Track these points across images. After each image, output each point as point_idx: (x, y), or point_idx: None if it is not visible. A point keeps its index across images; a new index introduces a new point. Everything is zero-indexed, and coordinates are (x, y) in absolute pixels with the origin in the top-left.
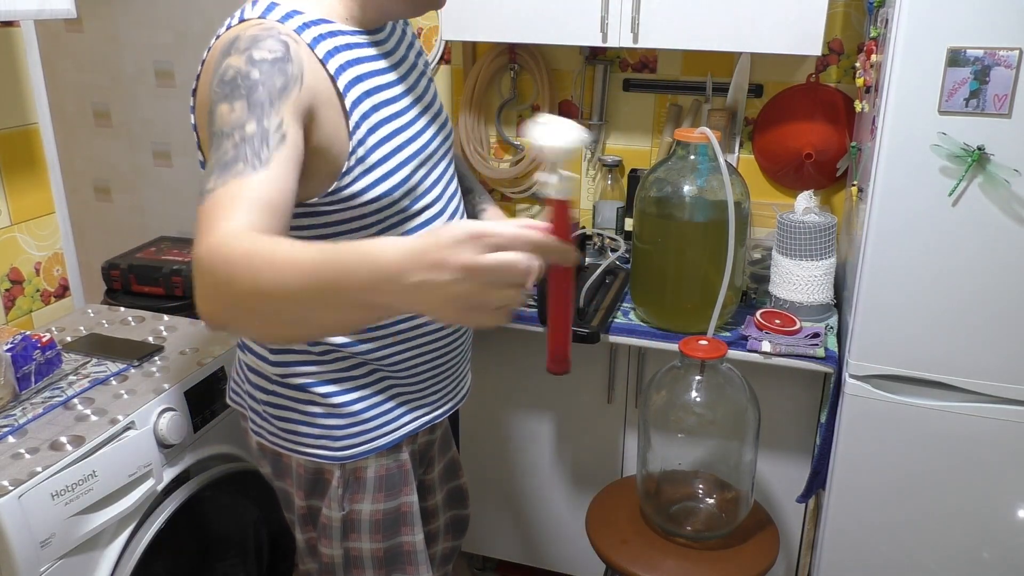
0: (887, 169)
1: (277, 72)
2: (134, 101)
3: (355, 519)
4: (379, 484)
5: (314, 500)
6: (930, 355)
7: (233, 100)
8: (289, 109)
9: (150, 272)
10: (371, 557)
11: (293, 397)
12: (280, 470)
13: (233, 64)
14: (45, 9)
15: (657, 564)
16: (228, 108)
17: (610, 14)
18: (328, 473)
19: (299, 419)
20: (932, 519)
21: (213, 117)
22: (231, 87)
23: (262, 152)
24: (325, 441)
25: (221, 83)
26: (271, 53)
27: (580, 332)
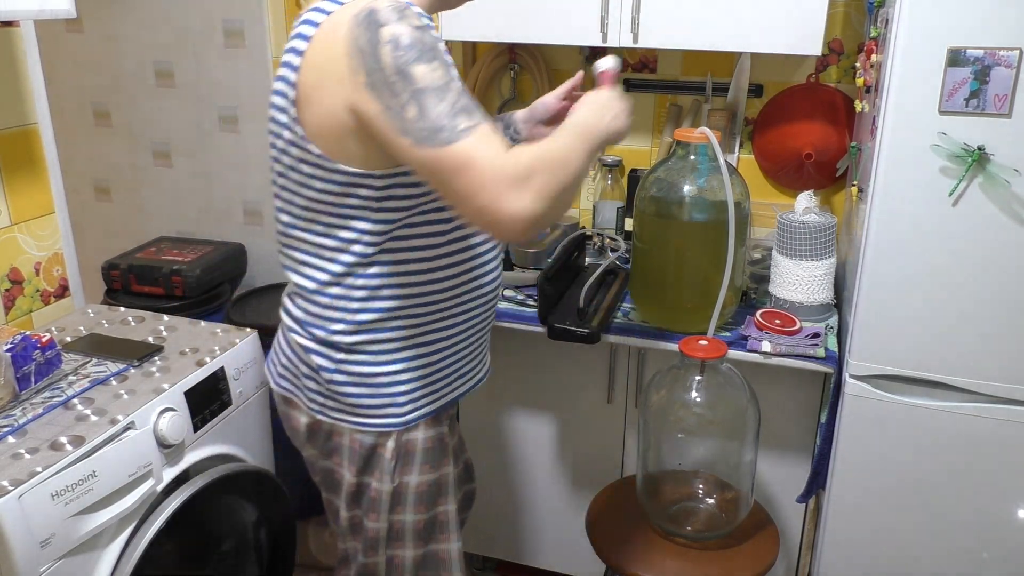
0: (887, 169)
1: (436, 37)
2: (134, 101)
3: (403, 491)
4: (425, 456)
5: (365, 476)
6: (930, 355)
7: (429, 61)
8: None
9: (150, 272)
10: (412, 529)
11: (358, 371)
12: (331, 449)
13: (400, 31)
14: (45, 9)
15: (657, 564)
16: (428, 68)
17: (610, 14)
18: (381, 447)
19: (363, 392)
20: (932, 519)
21: (409, 77)
22: (417, 51)
23: (475, 102)
24: (389, 409)
25: (399, 47)
26: (420, 20)
27: (580, 332)
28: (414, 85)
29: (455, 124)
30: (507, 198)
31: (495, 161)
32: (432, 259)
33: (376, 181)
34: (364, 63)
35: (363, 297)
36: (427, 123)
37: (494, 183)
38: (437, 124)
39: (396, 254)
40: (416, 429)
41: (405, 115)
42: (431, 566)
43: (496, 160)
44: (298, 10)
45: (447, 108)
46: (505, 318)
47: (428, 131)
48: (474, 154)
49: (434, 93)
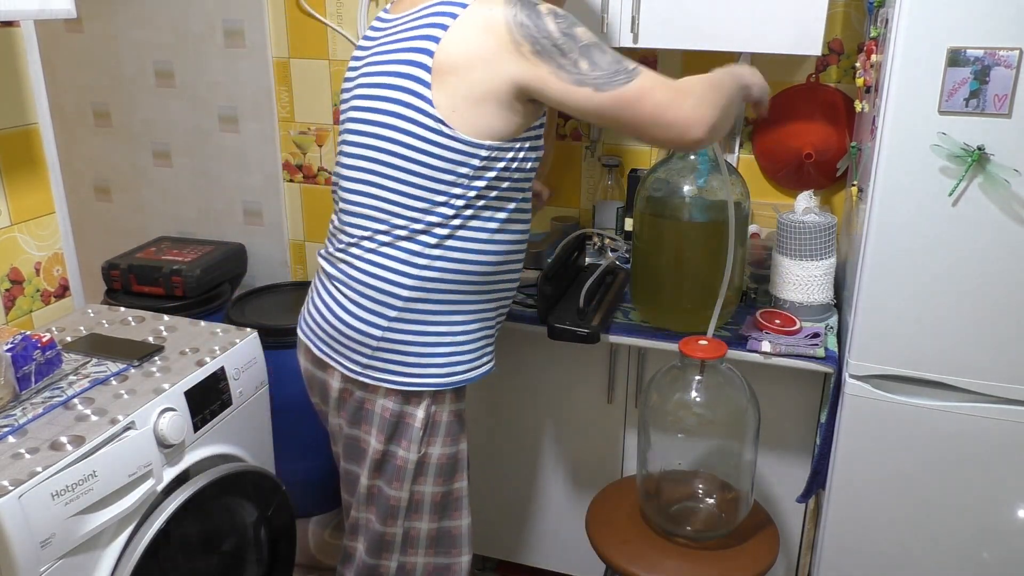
0: (887, 169)
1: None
2: (134, 101)
3: (427, 461)
4: (448, 428)
5: (392, 445)
6: (930, 355)
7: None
8: None
9: (150, 272)
10: (430, 501)
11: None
12: (360, 417)
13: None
14: (45, 9)
15: (657, 564)
16: (584, 29)
17: (610, 14)
18: (409, 416)
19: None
20: (932, 519)
21: (574, 37)
22: (572, 19)
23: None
24: (432, 369)
25: (561, 17)
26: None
27: (580, 332)
28: (580, 42)
29: (626, 66)
30: (691, 108)
31: (671, 84)
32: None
33: (482, 151)
34: (529, 34)
35: (433, 256)
36: (602, 70)
37: (678, 100)
38: (612, 69)
39: (470, 221)
40: (443, 401)
41: (580, 68)
42: (444, 542)
43: (670, 83)
44: (298, 10)
45: (612, 57)
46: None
47: (606, 76)
48: (653, 83)
49: (597, 47)
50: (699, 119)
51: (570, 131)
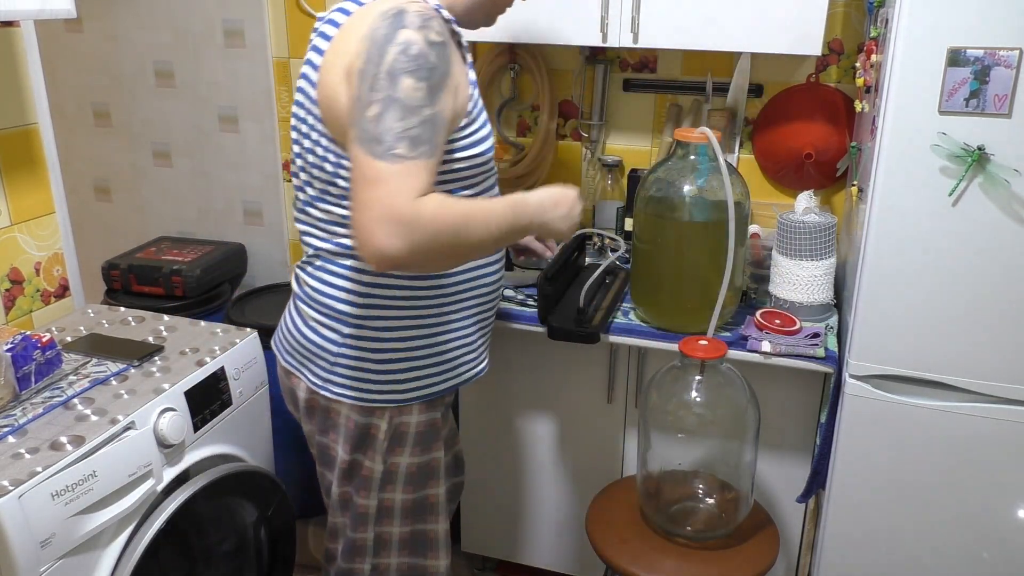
0: (887, 169)
1: (443, 59)
2: (134, 101)
3: (394, 471)
4: (417, 439)
5: (358, 454)
6: (930, 355)
7: (418, 79)
8: (447, 94)
9: (150, 272)
10: (400, 508)
11: (364, 346)
12: (327, 426)
13: (415, 41)
14: (45, 9)
15: (657, 564)
16: (414, 85)
17: (610, 14)
18: (375, 427)
19: (367, 367)
20: (932, 519)
21: (396, 83)
22: (416, 64)
23: (435, 137)
24: (388, 386)
25: (407, 56)
26: (439, 36)
27: (580, 332)
28: (392, 92)
29: (393, 145)
30: (382, 231)
31: (396, 197)
32: None
33: None
34: (369, 51)
35: (373, 273)
36: (375, 129)
37: (380, 213)
38: (380, 136)
39: None
40: (410, 412)
41: (366, 111)
42: (419, 545)
43: (397, 197)
44: (298, 10)
45: (400, 128)
46: (505, 318)
47: (370, 136)
48: (386, 180)
49: (400, 108)
50: (380, 249)
51: (570, 131)
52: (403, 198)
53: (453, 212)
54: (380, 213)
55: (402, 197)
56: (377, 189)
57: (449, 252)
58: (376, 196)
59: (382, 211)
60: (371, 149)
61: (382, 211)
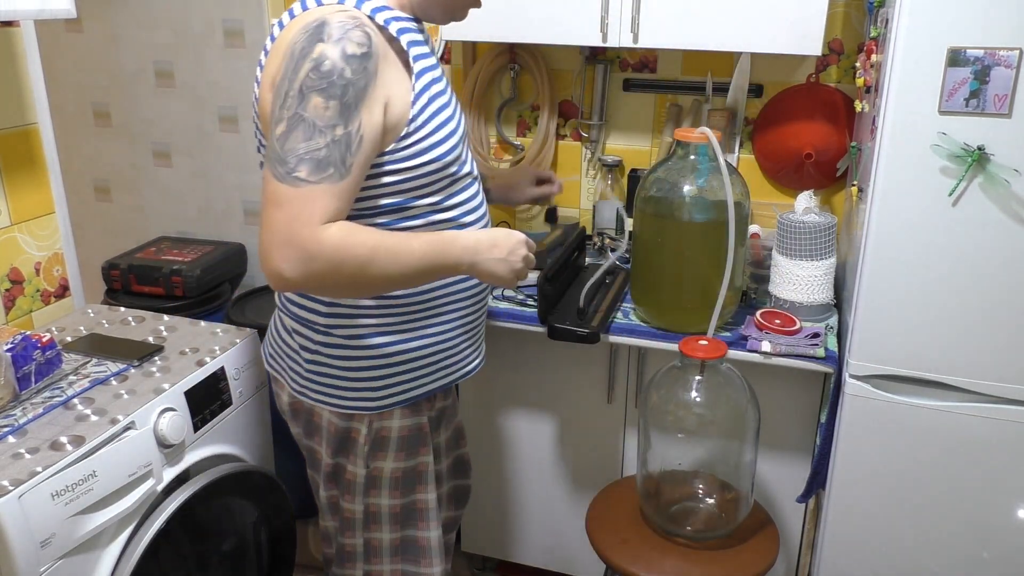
0: (887, 169)
1: (364, 72)
2: (134, 101)
3: (377, 476)
4: (401, 443)
5: (340, 458)
6: (930, 355)
7: (328, 97)
8: (368, 108)
9: (150, 272)
10: (388, 513)
11: (335, 353)
12: (311, 429)
13: (329, 55)
14: (45, 9)
15: (657, 564)
16: (323, 104)
17: (610, 14)
18: (355, 431)
19: (339, 373)
20: (932, 519)
21: (305, 101)
22: (327, 81)
23: (347, 158)
24: (362, 393)
25: (318, 72)
26: (360, 47)
27: (580, 332)
28: (300, 110)
29: (295, 168)
30: (281, 256)
31: (294, 222)
32: None
33: None
34: (287, 66)
35: None
36: (280, 148)
37: (279, 237)
38: (284, 156)
39: None
40: (391, 417)
41: (275, 129)
42: (410, 552)
43: (296, 222)
44: None
45: (303, 149)
46: (505, 318)
47: (276, 155)
48: (287, 203)
49: (307, 129)
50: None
51: (570, 131)
52: (302, 224)
53: (359, 244)
54: (279, 237)
55: (301, 223)
56: (278, 211)
57: (352, 283)
58: (277, 218)
59: (281, 235)
60: (275, 170)
61: (281, 235)
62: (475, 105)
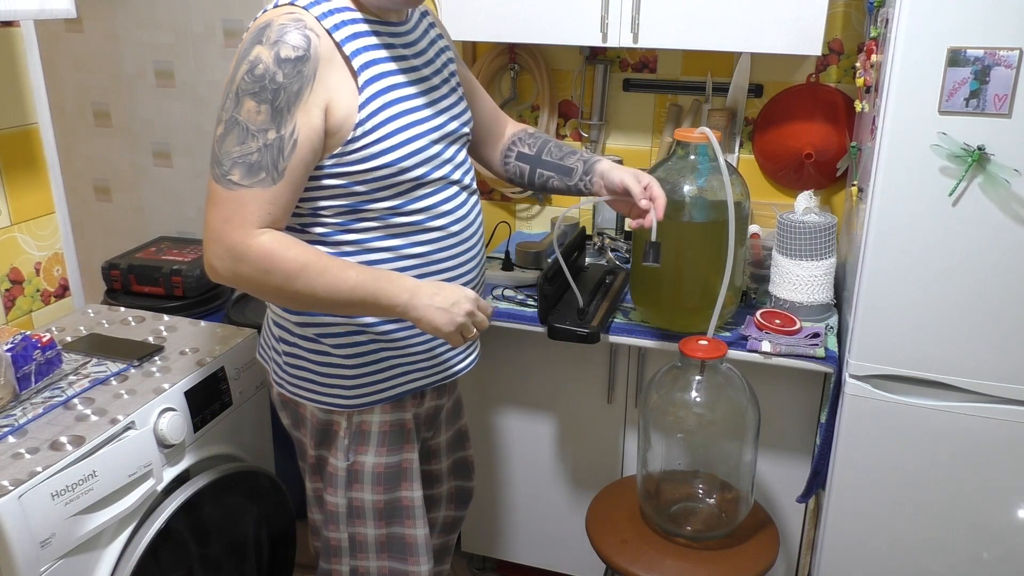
0: (887, 169)
1: (297, 75)
2: (134, 101)
3: (359, 470)
4: (382, 439)
5: (322, 450)
6: (930, 355)
7: (260, 101)
8: (302, 110)
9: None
10: (372, 508)
11: (309, 348)
12: (297, 420)
13: (263, 58)
14: (45, 9)
15: (657, 564)
16: (255, 107)
17: (610, 14)
18: (336, 424)
19: (314, 369)
20: (932, 519)
21: (239, 104)
22: (259, 86)
23: (279, 162)
24: (337, 390)
25: (252, 76)
26: (295, 51)
27: (580, 332)
28: (235, 113)
29: (229, 171)
30: (212, 252)
31: (227, 224)
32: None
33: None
34: (232, 67)
35: None
36: (218, 150)
37: (214, 235)
38: (219, 158)
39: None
40: (371, 412)
41: (216, 130)
42: (396, 548)
43: (227, 224)
44: None
45: (237, 153)
46: (505, 318)
47: (214, 156)
48: (221, 203)
49: (240, 132)
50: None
51: (570, 131)
52: (233, 226)
53: (289, 259)
54: (212, 234)
55: (232, 225)
56: (215, 210)
57: (277, 292)
58: (212, 216)
59: (214, 232)
60: (212, 170)
61: (214, 232)
62: None
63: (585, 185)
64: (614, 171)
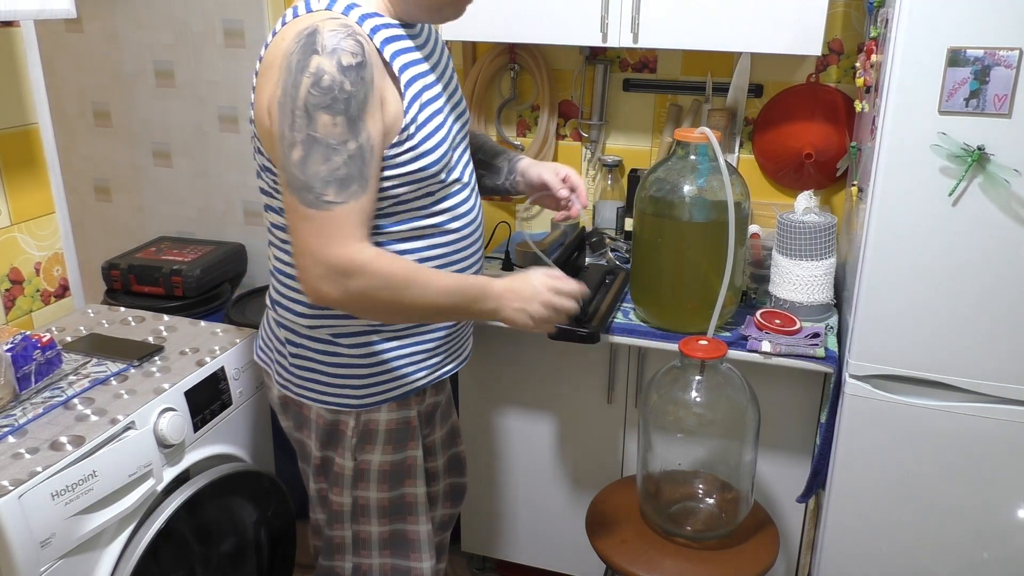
0: (887, 169)
1: (361, 81)
2: (134, 101)
3: (366, 469)
4: (388, 437)
5: (328, 451)
6: (930, 355)
7: (334, 113)
8: (371, 116)
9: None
10: (377, 506)
11: (319, 349)
12: (300, 422)
13: (326, 69)
14: (45, 9)
15: (657, 564)
16: (331, 121)
17: (610, 14)
18: (343, 424)
19: (323, 369)
20: (932, 519)
21: (313, 120)
22: (330, 98)
23: (364, 170)
24: (346, 390)
25: (318, 88)
26: (354, 57)
27: (580, 332)
28: (311, 131)
29: (323, 192)
30: (318, 276)
31: (330, 246)
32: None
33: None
34: (285, 82)
35: None
36: (302, 175)
37: (317, 258)
38: (309, 183)
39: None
40: (378, 411)
41: (291, 154)
42: (400, 545)
43: (330, 246)
44: None
45: (326, 171)
46: None
47: (299, 183)
48: (320, 228)
49: (323, 149)
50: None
51: (570, 131)
52: (337, 246)
53: (395, 268)
54: (316, 259)
55: (335, 244)
56: (312, 235)
57: (386, 307)
58: (311, 241)
59: (318, 257)
60: (303, 197)
61: (318, 257)
62: (475, 105)
63: (511, 184)
64: (532, 168)
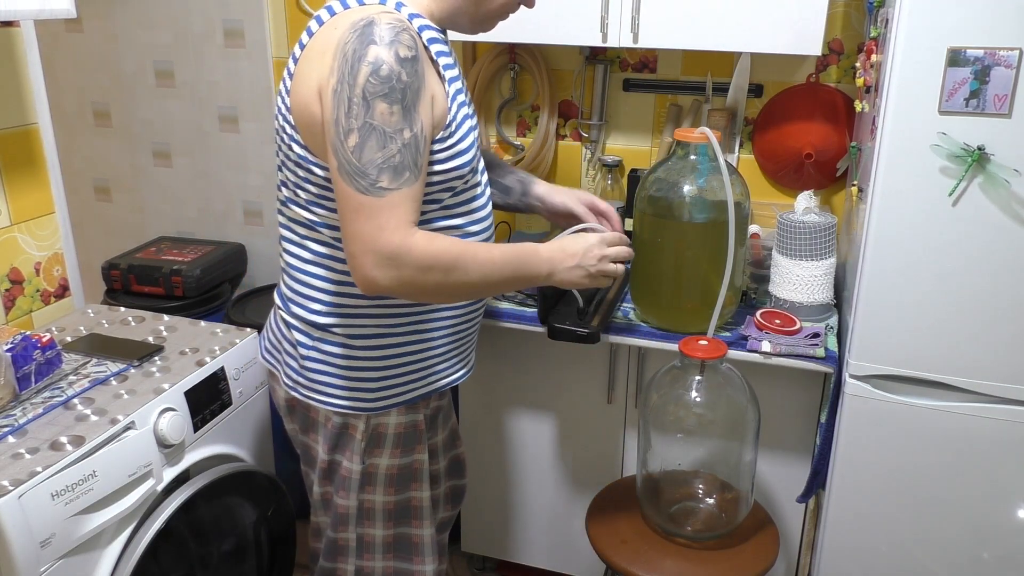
0: (887, 169)
1: (416, 74)
2: (134, 101)
3: (373, 472)
4: (397, 440)
5: (336, 454)
6: (930, 355)
7: (392, 102)
8: (424, 108)
9: (150, 272)
10: (382, 509)
11: (334, 352)
12: (307, 424)
13: (385, 59)
14: (45, 9)
15: (657, 564)
16: (388, 109)
17: (610, 14)
18: (353, 428)
19: (336, 372)
20: (932, 519)
21: (370, 108)
22: (388, 87)
23: (418, 159)
24: (359, 392)
25: (378, 77)
26: (410, 51)
27: (580, 332)
28: (368, 118)
29: (377, 179)
30: (370, 263)
31: (383, 231)
32: None
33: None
34: (341, 69)
35: (341, 281)
36: (357, 161)
37: (368, 246)
38: (363, 169)
39: None
40: (388, 414)
41: (347, 140)
42: (403, 549)
43: (384, 231)
44: (298, 10)
45: (381, 158)
46: (505, 318)
47: (353, 169)
48: (373, 214)
49: (379, 137)
50: (370, 280)
51: (570, 131)
52: (391, 232)
53: (444, 249)
54: (368, 246)
55: (390, 231)
56: (365, 223)
57: (438, 288)
58: (365, 230)
59: (370, 244)
60: (356, 183)
61: (370, 244)
62: (475, 105)
63: (525, 206)
64: (554, 195)
